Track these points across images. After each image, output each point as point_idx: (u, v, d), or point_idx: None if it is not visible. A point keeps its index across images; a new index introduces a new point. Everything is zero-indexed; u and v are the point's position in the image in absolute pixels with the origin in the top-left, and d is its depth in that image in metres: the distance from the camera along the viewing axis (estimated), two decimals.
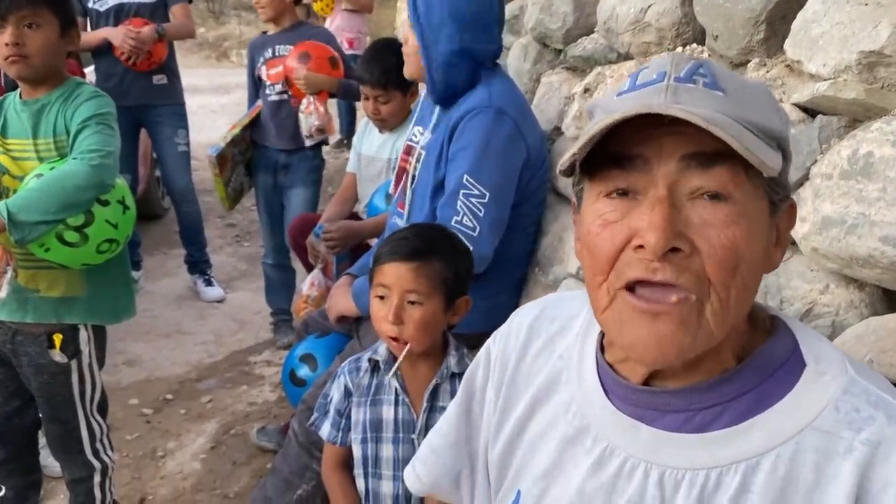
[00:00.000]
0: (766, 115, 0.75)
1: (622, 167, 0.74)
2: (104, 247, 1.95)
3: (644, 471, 0.77)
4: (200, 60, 12.36)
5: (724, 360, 0.78)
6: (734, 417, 0.75)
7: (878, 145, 1.16)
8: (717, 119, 0.69)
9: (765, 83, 1.50)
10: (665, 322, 0.72)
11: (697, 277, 0.71)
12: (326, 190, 5.66)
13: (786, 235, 0.80)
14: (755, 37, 1.56)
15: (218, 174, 3.51)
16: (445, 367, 1.58)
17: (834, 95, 1.26)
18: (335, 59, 3.37)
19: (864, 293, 1.24)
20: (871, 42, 1.20)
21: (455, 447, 1.02)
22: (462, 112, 2.00)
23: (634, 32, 1.94)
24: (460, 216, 1.92)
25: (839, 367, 0.75)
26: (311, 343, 2.34)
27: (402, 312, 1.52)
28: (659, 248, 0.70)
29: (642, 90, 0.75)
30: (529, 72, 2.61)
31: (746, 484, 0.73)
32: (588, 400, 0.85)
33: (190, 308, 4.20)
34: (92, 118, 1.95)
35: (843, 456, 0.71)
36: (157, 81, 3.98)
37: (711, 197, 0.72)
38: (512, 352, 0.95)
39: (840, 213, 1.18)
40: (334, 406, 1.63)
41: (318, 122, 3.34)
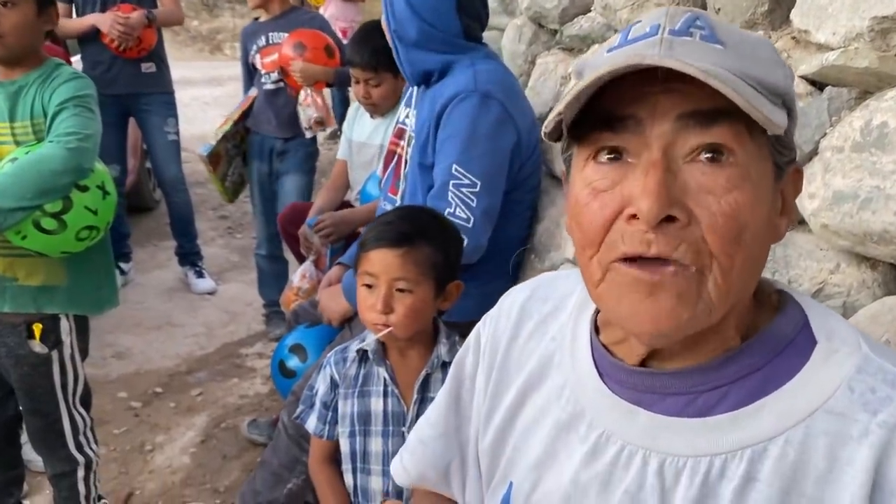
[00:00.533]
0: (770, 70, 0.68)
1: (613, 129, 0.68)
2: (84, 234, 1.88)
3: (643, 458, 0.72)
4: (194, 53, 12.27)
5: (727, 339, 0.72)
6: (739, 400, 0.70)
7: (893, 115, 1.10)
8: (716, 72, 0.63)
9: None
10: (663, 294, 0.66)
11: (696, 249, 0.65)
12: (319, 181, 5.60)
13: (791, 203, 0.74)
14: (759, 9, 1.49)
15: (212, 171, 3.47)
16: (436, 357, 1.51)
17: (844, 65, 1.19)
18: (331, 48, 3.30)
19: (876, 272, 1.18)
20: (884, 7, 1.14)
21: (444, 437, 0.96)
22: (447, 97, 1.94)
23: (633, 9, 1.87)
24: (453, 208, 1.87)
25: (852, 345, 0.69)
26: (301, 333, 2.28)
27: (391, 300, 1.45)
28: (653, 216, 0.64)
29: (634, 45, 0.67)
30: (524, 53, 2.54)
31: (753, 471, 0.67)
32: (582, 384, 0.79)
33: (181, 300, 4.13)
34: (70, 100, 1.88)
35: (857, 440, 0.65)
36: (146, 69, 3.91)
37: (711, 158, 0.65)
38: (502, 334, 0.90)
39: (853, 188, 1.12)
40: (320, 398, 1.57)
41: (317, 113, 3.28)
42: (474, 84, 1.93)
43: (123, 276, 4.25)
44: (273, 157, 3.54)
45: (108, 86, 3.86)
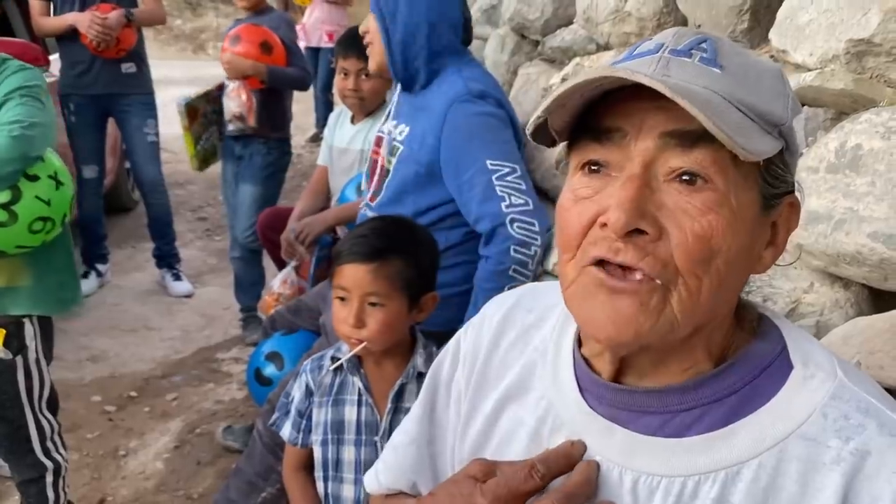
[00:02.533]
0: (768, 99, 0.68)
1: (600, 141, 0.69)
2: (38, 226, 1.82)
3: (618, 476, 0.72)
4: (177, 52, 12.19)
5: (697, 360, 0.72)
6: (714, 422, 0.70)
7: (867, 137, 1.11)
8: (697, 94, 0.63)
9: None
10: (625, 299, 0.67)
11: (662, 264, 0.66)
12: (301, 185, 5.58)
13: (784, 236, 0.73)
14: (739, 26, 1.51)
15: (187, 127, 3.36)
16: (412, 367, 1.51)
17: (820, 86, 1.20)
18: (268, 45, 3.26)
19: (849, 292, 1.19)
20: (860, 30, 1.15)
21: (415, 446, 0.96)
22: (443, 105, 1.95)
23: (614, 22, 1.89)
24: (507, 200, 1.86)
25: (828, 371, 0.70)
26: (278, 341, 2.26)
27: (363, 314, 1.45)
28: (620, 226, 0.65)
29: (633, 60, 0.69)
30: (507, 63, 2.55)
31: (726, 494, 0.67)
32: (562, 397, 0.79)
33: (157, 303, 4.09)
34: (16, 91, 1.83)
35: (829, 466, 0.65)
36: (126, 70, 3.87)
37: (689, 180, 0.66)
38: (483, 342, 0.89)
39: (827, 208, 1.13)
40: (295, 406, 1.56)
41: (237, 109, 3.24)
42: (465, 88, 1.96)
43: (100, 278, 4.21)
44: (235, 160, 3.52)
45: (87, 86, 3.83)
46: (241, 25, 3.34)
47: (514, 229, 1.83)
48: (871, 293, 1.19)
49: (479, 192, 1.88)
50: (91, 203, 4.04)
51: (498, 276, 1.85)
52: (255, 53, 3.22)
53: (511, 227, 1.83)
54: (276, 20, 3.52)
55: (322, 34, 6.66)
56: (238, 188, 3.51)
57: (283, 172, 3.63)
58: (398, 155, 2.05)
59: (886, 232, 1.04)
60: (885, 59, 1.15)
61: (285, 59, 3.33)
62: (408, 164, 2.01)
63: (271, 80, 3.29)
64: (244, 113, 3.25)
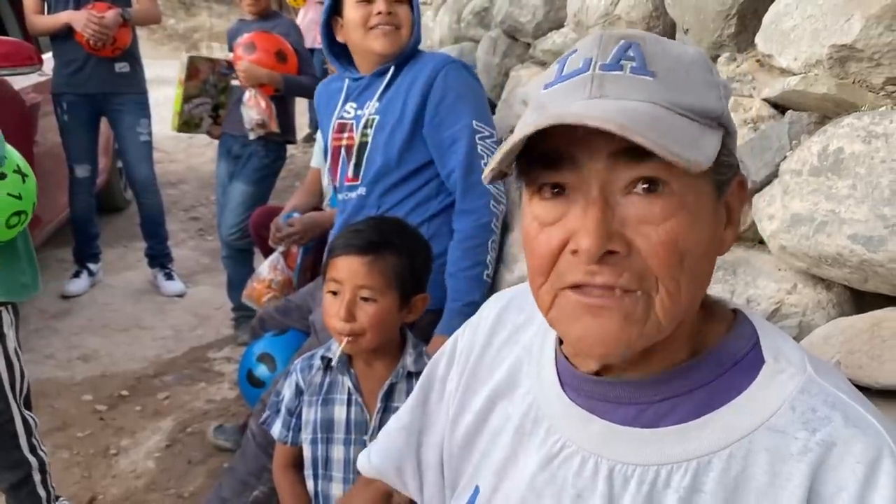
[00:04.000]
0: (702, 93, 0.70)
1: (552, 167, 0.71)
2: (13, 220, 1.82)
3: (594, 465, 0.75)
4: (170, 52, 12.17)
5: (675, 352, 0.75)
6: (687, 413, 0.73)
7: (848, 141, 1.13)
8: (638, 112, 0.65)
9: (736, 78, 1.47)
10: (609, 316, 0.69)
11: (640, 275, 0.68)
12: (294, 185, 5.58)
13: (737, 213, 0.76)
14: (726, 31, 1.53)
15: (182, 81, 3.35)
16: (402, 367, 1.52)
17: (804, 90, 1.22)
18: (283, 54, 3.29)
19: (831, 293, 1.21)
20: (842, 35, 1.17)
21: (406, 432, 0.99)
22: (431, 70, 2.04)
23: (604, 26, 1.90)
24: (485, 159, 1.99)
25: (798, 366, 0.72)
26: (269, 342, 2.27)
27: (354, 308, 1.45)
28: (593, 253, 0.67)
29: (567, 82, 0.70)
30: (498, 65, 2.56)
31: (697, 483, 0.70)
32: (544, 391, 0.82)
33: (149, 302, 4.09)
34: None
35: (797, 457, 0.68)
36: (120, 69, 3.87)
37: (647, 188, 0.68)
38: (477, 341, 0.93)
39: (809, 211, 1.15)
40: (285, 405, 1.57)
41: (258, 116, 3.25)
42: (452, 57, 2.13)
43: (92, 277, 4.21)
44: (231, 159, 3.53)
45: (80, 85, 3.83)
46: (254, 33, 3.33)
47: (490, 186, 1.97)
48: (852, 294, 1.21)
49: (463, 146, 1.99)
50: (83, 202, 4.04)
51: (482, 230, 1.97)
52: (272, 62, 3.24)
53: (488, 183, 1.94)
54: (285, 27, 3.53)
55: (316, 35, 6.65)
56: (231, 186, 3.52)
57: (275, 176, 3.66)
58: (375, 125, 2.08)
59: (866, 234, 1.06)
60: (867, 65, 1.17)
61: (298, 68, 3.34)
62: (390, 128, 2.06)
63: (286, 88, 3.32)
64: (266, 119, 3.27)
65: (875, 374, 1.04)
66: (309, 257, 2.80)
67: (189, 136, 3.71)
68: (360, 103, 2.12)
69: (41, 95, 3.92)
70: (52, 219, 3.99)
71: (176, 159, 6.81)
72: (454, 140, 2.00)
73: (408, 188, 2.04)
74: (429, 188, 2.05)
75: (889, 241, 1.03)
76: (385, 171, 2.05)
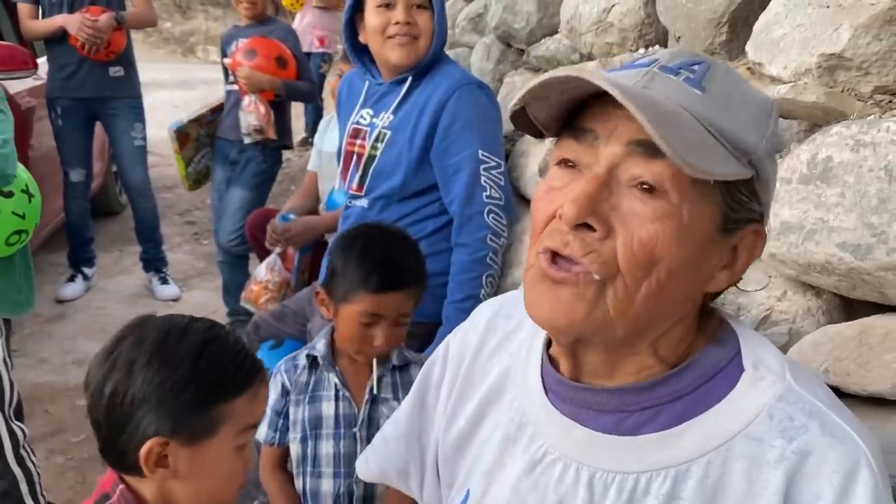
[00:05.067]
0: (742, 126, 0.71)
1: (576, 139, 0.73)
2: (13, 239, 1.84)
3: (576, 471, 0.76)
4: (166, 55, 12.17)
5: (646, 364, 0.75)
6: (667, 421, 0.73)
7: (837, 150, 1.14)
8: (662, 107, 0.67)
9: None
10: (564, 291, 0.71)
11: (605, 262, 0.70)
12: (290, 189, 5.58)
13: (744, 262, 0.75)
14: (717, 38, 1.54)
15: (177, 150, 3.40)
16: (388, 360, 1.56)
17: (794, 98, 1.23)
18: (283, 59, 3.30)
19: (821, 300, 1.22)
20: (831, 45, 1.18)
21: (405, 439, 1.00)
22: (445, 90, 1.99)
23: (597, 33, 1.92)
24: (488, 191, 1.96)
25: (777, 374, 0.73)
26: (266, 356, 2.26)
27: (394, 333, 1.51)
28: (569, 218, 0.69)
29: (625, 71, 0.74)
30: (492, 71, 2.58)
31: (676, 490, 0.71)
32: (529, 397, 0.83)
33: (144, 307, 4.07)
34: None
35: (773, 465, 0.69)
36: (114, 73, 3.87)
37: (646, 189, 0.70)
38: (468, 348, 0.94)
39: (798, 219, 1.16)
40: (271, 406, 1.58)
41: (257, 122, 3.27)
42: (468, 77, 2.06)
43: (86, 282, 4.20)
44: (228, 165, 3.54)
45: (74, 89, 3.82)
46: (255, 38, 3.34)
47: (489, 219, 1.94)
48: (841, 301, 1.22)
49: (465, 176, 1.96)
50: (78, 206, 4.03)
51: (477, 264, 1.93)
52: (272, 68, 3.25)
53: (488, 217, 1.94)
54: (282, 32, 3.54)
55: (313, 39, 6.67)
56: (228, 192, 3.52)
57: (273, 180, 3.67)
58: (385, 140, 2.06)
59: (854, 242, 1.07)
60: (855, 74, 1.18)
61: (297, 73, 3.35)
62: (399, 148, 2.04)
63: (287, 94, 3.33)
64: (264, 126, 3.29)
65: (862, 381, 1.05)
66: (307, 257, 2.80)
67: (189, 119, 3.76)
68: (376, 111, 2.10)
69: (36, 100, 3.91)
70: (46, 223, 3.98)
71: (171, 163, 6.78)
72: (458, 169, 1.96)
73: (410, 206, 2.03)
74: (431, 208, 2.04)
75: (876, 249, 1.04)
76: (388, 193, 2.04)
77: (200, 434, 0.97)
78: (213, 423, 0.97)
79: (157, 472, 0.97)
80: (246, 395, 0.99)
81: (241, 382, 0.99)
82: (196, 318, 1.04)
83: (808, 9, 1.25)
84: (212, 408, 0.97)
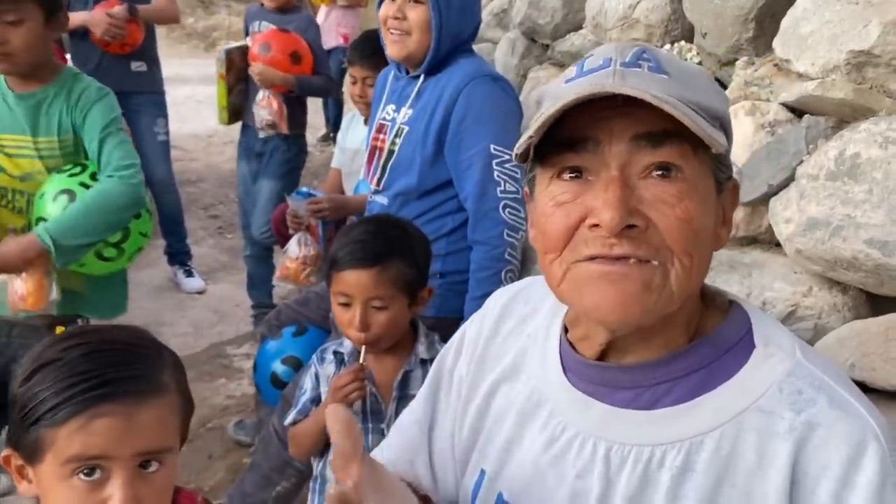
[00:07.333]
0: (709, 96, 0.76)
1: (574, 150, 0.75)
2: (135, 255, 1.97)
3: (593, 445, 0.78)
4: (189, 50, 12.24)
5: (676, 336, 0.78)
6: (682, 395, 0.76)
7: (865, 146, 1.14)
8: (665, 98, 0.70)
9: (753, 82, 1.48)
10: (628, 283, 0.72)
11: (656, 248, 0.72)
12: (312, 184, 5.61)
13: (730, 214, 0.81)
14: (744, 35, 1.54)
15: (223, 75, 3.37)
16: (415, 355, 1.56)
17: (822, 95, 1.24)
18: (298, 55, 3.29)
19: (847, 296, 1.22)
20: (860, 41, 1.18)
21: (418, 426, 1.01)
22: (457, 84, 1.96)
23: (623, 29, 1.92)
24: (502, 185, 1.90)
25: (788, 350, 0.76)
26: (290, 343, 2.28)
27: (368, 318, 1.49)
28: (614, 225, 0.70)
29: (590, 76, 0.75)
30: (516, 66, 2.58)
31: (690, 462, 0.73)
32: (547, 376, 0.86)
33: (169, 299, 4.14)
34: (109, 126, 1.92)
35: (783, 436, 0.71)
36: (136, 68, 3.89)
37: (662, 174, 0.72)
38: (484, 332, 0.96)
39: (825, 215, 1.16)
40: (306, 395, 1.61)
41: (269, 117, 3.28)
42: (482, 69, 2.01)
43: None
44: (254, 158, 3.56)
45: None
46: (271, 31, 3.35)
47: (505, 214, 1.88)
48: (868, 297, 1.22)
49: (478, 172, 1.91)
50: None
51: (494, 261, 1.89)
52: (286, 64, 3.25)
53: (503, 212, 1.89)
54: (303, 22, 3.53)
55: (338, 36, 6.70)
56: (257, 184, 3.54)
57: (300, 169, 3.67)
58: (403, 135, 2.08)
59: (882, 239, 1.07)
60: (884, 70, 1.18)
61: (312, 67, 3.37)
62: (414, 144, 2.03)
63: (300, 89, 3.34)
64: (276, 121, 3.29)
65: (889, 376, 1.06)
66: (330, 228, 2.81)
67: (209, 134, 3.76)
68: (398, 106, 2.10)
69: None
70: None
71: (195, 157, 6.85)
72: (470, 164, 1.93)
73: (428, 203, 2.01)
74: (448, 205, 2.01)
75: None
76: (405, 190, 2.04)
77: (30, 455, 0.88)
78: (38, 446, 0.86)
79: (22, 483, 0.91)
80: (68, 426, 0.84)
81: (68, 412, 0.84)
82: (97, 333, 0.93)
83: (837, 5, 1.25)
84: (33, 430, 0.86)
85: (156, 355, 0.95)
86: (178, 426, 0.94)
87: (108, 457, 0.85)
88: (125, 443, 0.85)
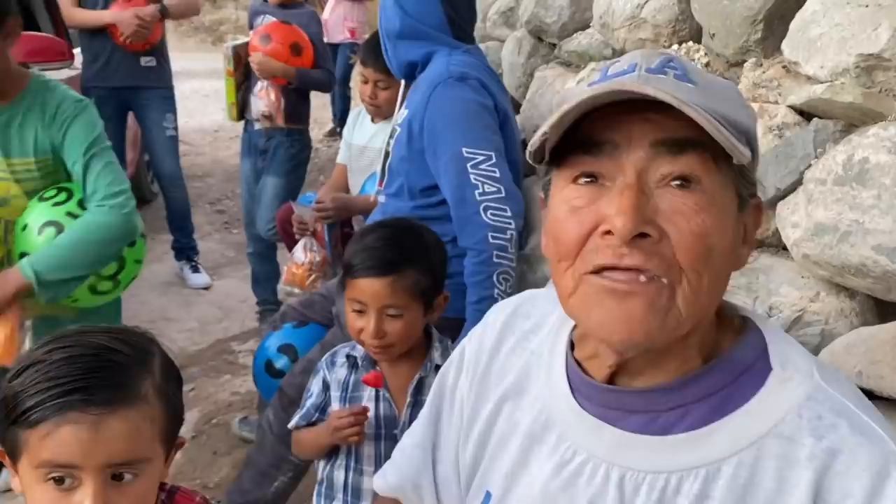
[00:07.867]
0: (735, 110, 0.73)
1: (591, 153, 0.73)
2: (130, 283, 1.87)
3: (605, 472, 0.76)
4: (196, 44, 12.25)
5: (689, 358, 0.75)
6: (697, 420, 0.74)
7: (873, 151, 1.13)
8: (689, 103, 0.68)
9: (762, 84, 1.47)
10: (635, 302, 0.70)
11: (668, 263, 0.70)
12: (318, 179, 5.62)
13: (752, 233, 0.79)
14: (752, 36, 1.53)
15: (231, 72, 3.36)
16: (429, 361, 1.55)
17: (831, 98, 1.23)
18: (298, 47, 3.28)
19: (854, 302, 1.21)
20: (870, 45, 1.17)
21: (420, 449, 1.00)
22: (424, 87, 1.97)
23: (630, 28, 1.91)
24: (480, 188, 1.86)
25: (805, 373, 0.73)
26: (289, 333, 2.27)
27: (382, 325, 1.48)
28: (626, 232, 0.68)
29: (613, 80, 0.73)
30: (523, 66, 2.57)
31: (707, 490, 0.71)
32: (554, 398, 0.83)
33: (175, 294, 4.15)
34: (94, 145, 1.78)
35: (804, 463, 0.69)
36: (146, 63, 3.90)
37: (681, 184, 0.70)
38: (485, 349, 0.93)
39: (833, 220, 1.15)
40: (311, 401, 1.59)
41: (266, 108, 3.28)
42: (448, 71, 1.97)
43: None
44: (258, 154, 3.55)
45: (107, 79, 3.86)
46: (271, 23, 3.35)
47: (487, 217, 1.85)
48: (876, 303, 1.21)
49: (454, 177, 1.89)
50: None
51: (483, 266, 1.85)
52: (286, 55, 3.25)
53: (485, 214, 1.85)
54: (306, 16, 3.53)
55: (345, 30, 6.70)
56: (261, 181, 3.53)
57: (305, 165, 3.66)
58: (395, 136, 2.08)
59: (890, 245, 1.06)
60: (894, 74, 1.17)
61: (313, 61, 3.36)
62: (402, 145, 2.04)
63: (299, 82, 3.33)
64: (273, 112, 3.29)
65: None
66: (335, 232, 2.81)
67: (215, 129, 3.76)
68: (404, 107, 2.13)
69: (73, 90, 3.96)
70: None
71: (202, 152, 6.87)
72: (445, 171, 1.91)
73: (420, 204, 2.01)
74: (444, 207, 1.98)
75: None
76: (399, 192, 2.05)
77: (11, 453, 0.89)
78: (16, 446, 0.87)
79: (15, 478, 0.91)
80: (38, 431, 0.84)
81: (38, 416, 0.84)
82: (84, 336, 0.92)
83: (847, 8, 1.24)
84: (12, 430, 0.87)
85: (137, 363, 0.92)
86: (158, 436, 0.92)
87: (76, 466, 0.84)
88: (93, 452, 0.84)
